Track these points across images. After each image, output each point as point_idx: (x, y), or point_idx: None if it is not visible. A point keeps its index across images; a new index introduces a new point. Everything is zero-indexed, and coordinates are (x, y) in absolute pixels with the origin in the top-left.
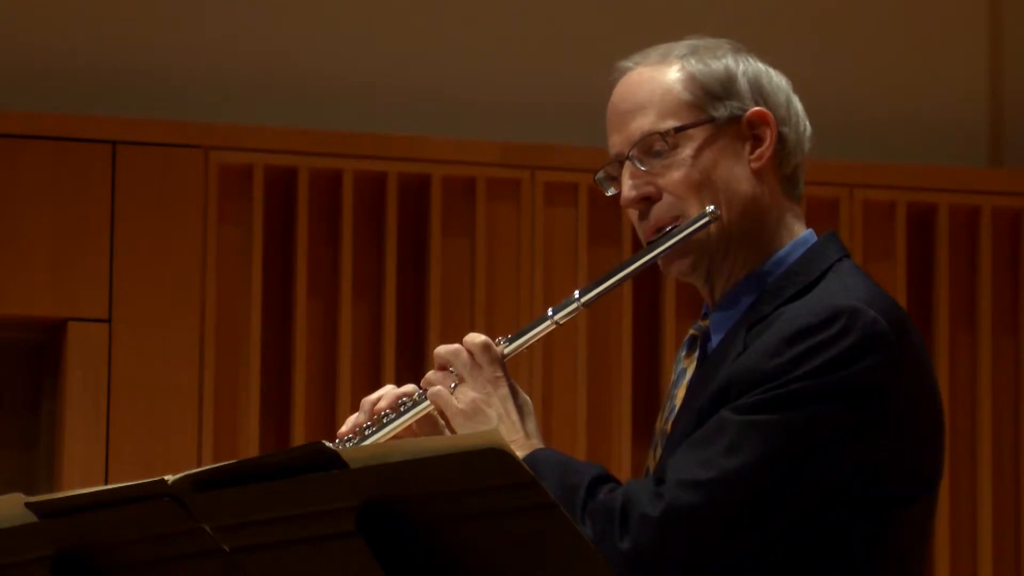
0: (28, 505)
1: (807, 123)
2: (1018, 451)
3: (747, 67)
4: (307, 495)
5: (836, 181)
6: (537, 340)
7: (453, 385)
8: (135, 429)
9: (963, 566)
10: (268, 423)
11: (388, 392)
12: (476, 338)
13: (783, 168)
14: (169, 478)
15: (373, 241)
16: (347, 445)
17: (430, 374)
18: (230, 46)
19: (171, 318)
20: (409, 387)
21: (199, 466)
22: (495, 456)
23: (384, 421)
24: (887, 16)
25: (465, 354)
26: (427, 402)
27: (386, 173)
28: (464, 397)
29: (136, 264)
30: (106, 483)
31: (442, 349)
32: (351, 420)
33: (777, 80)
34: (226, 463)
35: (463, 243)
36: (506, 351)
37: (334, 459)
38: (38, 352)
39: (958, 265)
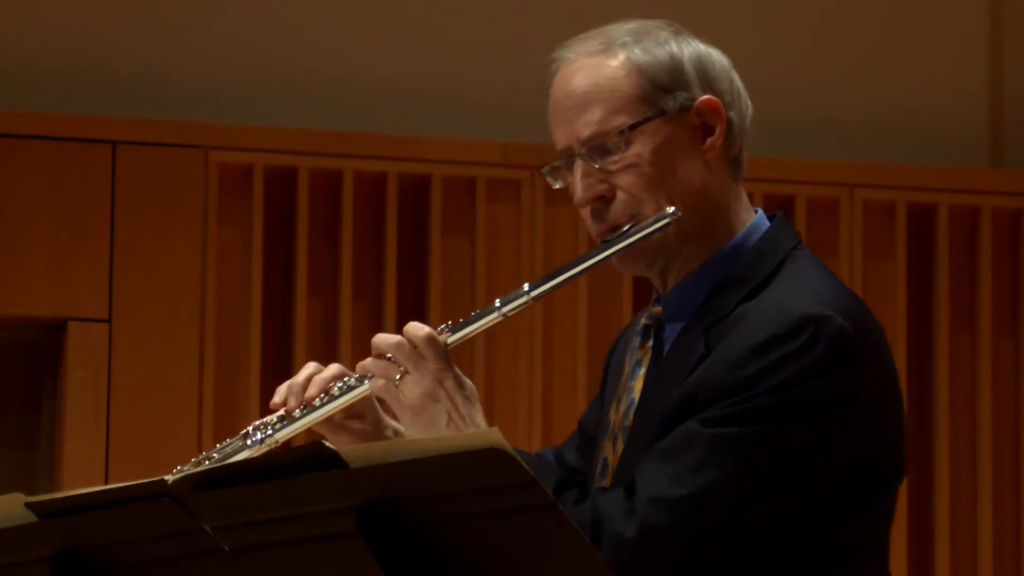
0: (28, 505)
1: (748, 101)
2: (1018, 451)
3: (691, 51)
4: (307, 495)
5: (836, 181)
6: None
7: (398, 377)
8: (135, 429)
9: (963, 566)
10: None
11: (315, 377)
12: (420, 330)
13: (730, 152)
14: (169, 478)
15: (373, 241)
16: (276, 427)
17: (368, 362)
18: (230, 46)
19: (171, 318)
20: (335, 368)
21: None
22: (495, 456)
23: (317, 404)
24: (887, 16)
25: (408, 346)
26: (365, 387)
27: (386, 173)
28: (411, 392)
29: (136, 264)
30: (106, 483)
31: (381, 339)
32: (279, 394)
33: (719, 61)
34: (226, 463)
35: (463, 243)
36: (449, 341)
37: (334, 459)
38: (38, 352)
39: (958, 265)
